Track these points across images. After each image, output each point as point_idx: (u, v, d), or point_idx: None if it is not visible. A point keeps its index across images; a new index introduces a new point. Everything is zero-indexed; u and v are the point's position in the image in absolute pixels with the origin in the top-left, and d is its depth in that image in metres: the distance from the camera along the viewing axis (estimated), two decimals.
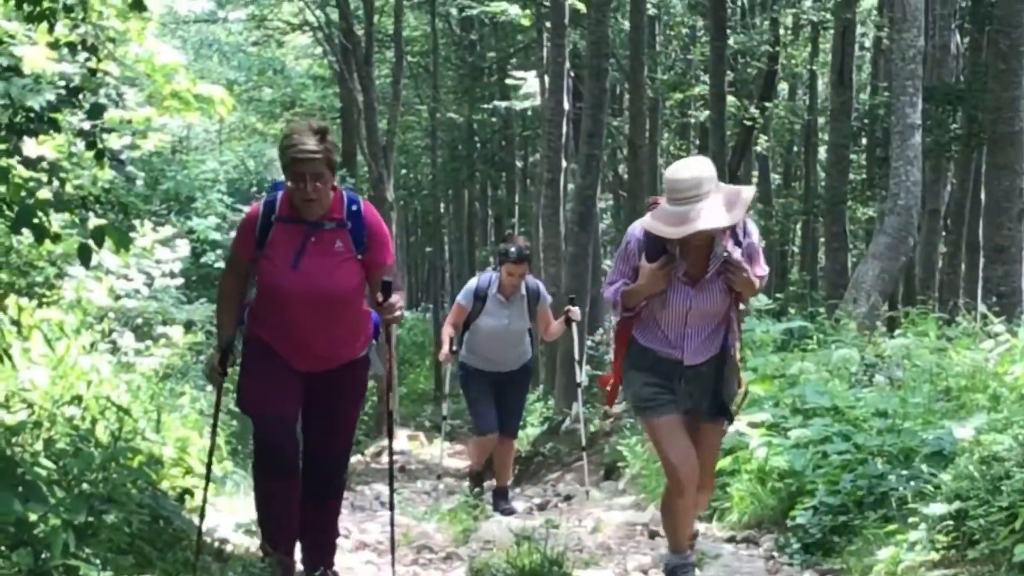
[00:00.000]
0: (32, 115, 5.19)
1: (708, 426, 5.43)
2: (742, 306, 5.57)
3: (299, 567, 5.44)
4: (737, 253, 5.21)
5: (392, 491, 5.69)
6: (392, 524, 5.61)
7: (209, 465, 5.59)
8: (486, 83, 29.44)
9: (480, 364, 9.12)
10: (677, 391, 5.32)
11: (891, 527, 5.86)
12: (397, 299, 5.17)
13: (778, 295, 15.05)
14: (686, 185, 5.02)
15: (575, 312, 9.31)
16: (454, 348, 9.17)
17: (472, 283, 9.21)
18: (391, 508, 5.64)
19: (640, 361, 5.37)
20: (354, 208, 5.23)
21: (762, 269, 5.35)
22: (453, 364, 9.53)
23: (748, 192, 5.17)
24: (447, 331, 9.25)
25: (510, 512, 9.20)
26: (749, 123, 24.72)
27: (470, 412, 9.58)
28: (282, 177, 5.26)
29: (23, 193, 5.36)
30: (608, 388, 5.65)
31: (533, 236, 20.33)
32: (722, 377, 5.33)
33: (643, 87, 21.29)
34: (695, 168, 5.11)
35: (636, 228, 5.32)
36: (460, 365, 9.26)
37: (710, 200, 5.01)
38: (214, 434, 5.58)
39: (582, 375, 10.43)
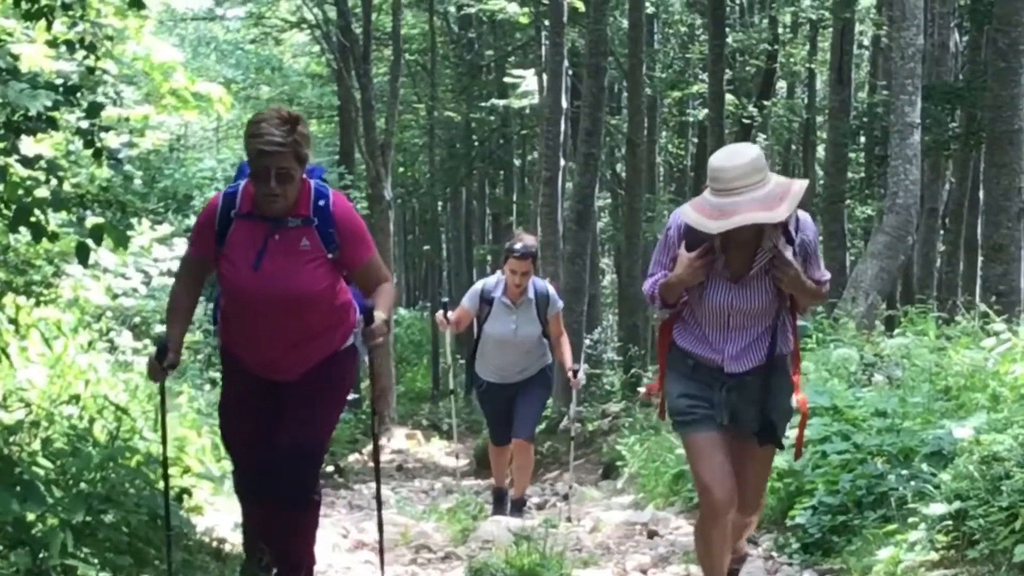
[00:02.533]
0: (30, 114, 5.17)
1: (754, 449, 4.91)
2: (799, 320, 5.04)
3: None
4: (789, 251, 4.68)
5: (379, 497, 5.49)
6: (380, 526, 5.29)
7: (165, 451, 5.11)
8: (484, 81, 29.45)
9: (493, 376, 8.56)
10: (715, 402, 4.80)
11: (891, 527, 5.85)
12: (380, 323, 4.71)
13: None
14: (730, 175, 4.49)
15: (576, 383, 8.86)
16: (450, 319, 8.51)
17: (478, 285, 8.63)
18: (379, 510, 5.35)
19: (680, 366, 4.88)
20: (321, 203, 4.71)
21: (820, 272, 4.81)
22: (447, 329, 8.84)
23: (799, 185, 4.58)
24: (453, 316, 8.56)
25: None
26: (747, 121, 24.72)
27: (487, 425, 9.27)
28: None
29: (21, 191, 5.35)
30: (657, 398, 5.05)
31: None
32: (769, 390, 4.80)
33: (641, 85, 21.32)
34: (741, 157, 4.55)
35: (679, 214, 4.77)
36: (475, 380, 8.72)
37: (755, 193, 4.48)
38: (163, 425, 5.07)
39: (572, 429, 10.59)
